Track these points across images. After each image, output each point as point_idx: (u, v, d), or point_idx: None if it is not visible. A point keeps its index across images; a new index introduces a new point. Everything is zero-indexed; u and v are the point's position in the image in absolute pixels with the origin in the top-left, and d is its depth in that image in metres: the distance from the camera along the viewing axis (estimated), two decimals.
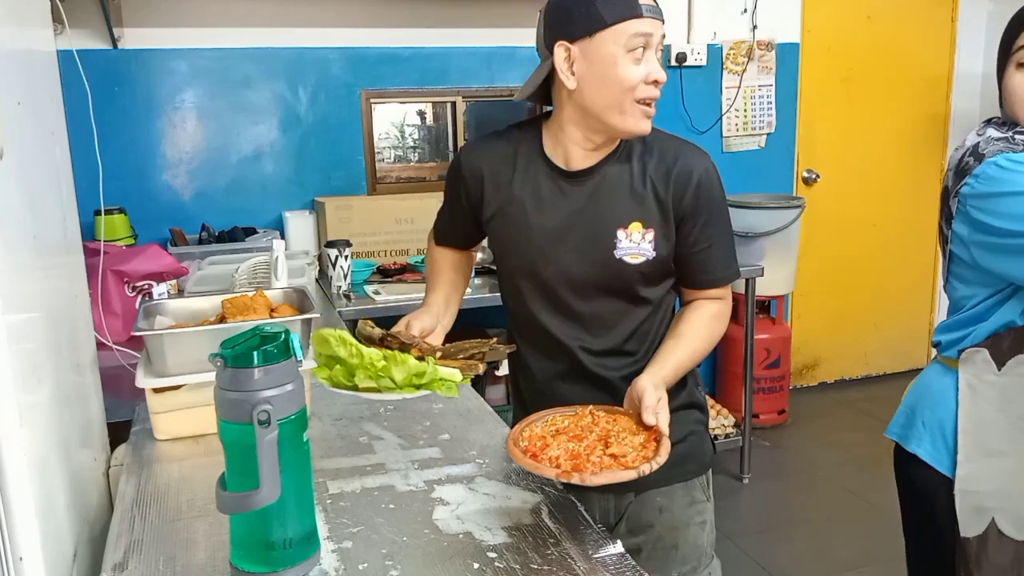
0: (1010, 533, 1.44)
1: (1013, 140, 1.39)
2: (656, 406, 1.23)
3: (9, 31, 1.13)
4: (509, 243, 1.49)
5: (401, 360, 1.21)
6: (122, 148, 3.11)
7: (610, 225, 1.40)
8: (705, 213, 1.40)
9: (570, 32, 1.32)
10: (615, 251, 1.39)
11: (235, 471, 1.05)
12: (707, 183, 1.40)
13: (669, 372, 1.35)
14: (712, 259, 1.44)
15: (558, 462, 1.14)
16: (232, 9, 3.19)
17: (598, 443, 1.18)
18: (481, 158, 1.49)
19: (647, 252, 1.40)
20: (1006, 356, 1.41)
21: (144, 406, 1.56)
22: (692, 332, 1.42)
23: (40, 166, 1.26)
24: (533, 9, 1.47)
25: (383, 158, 3.55)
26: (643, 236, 1.39)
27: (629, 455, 1.15)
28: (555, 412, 1.29)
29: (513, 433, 1.24)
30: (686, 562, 1.51)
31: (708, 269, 1.44)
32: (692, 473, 1.52)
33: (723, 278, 1.46)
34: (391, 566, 1.09)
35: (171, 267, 2.38)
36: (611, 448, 1.16)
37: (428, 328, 1.42)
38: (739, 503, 3.45)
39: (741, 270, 3.38)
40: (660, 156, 1.41)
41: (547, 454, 1.15)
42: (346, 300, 2.81)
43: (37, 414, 1.03)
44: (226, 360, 1.03)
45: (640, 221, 1.39)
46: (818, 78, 4.19)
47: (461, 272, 1.65)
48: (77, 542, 1.20)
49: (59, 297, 1.32)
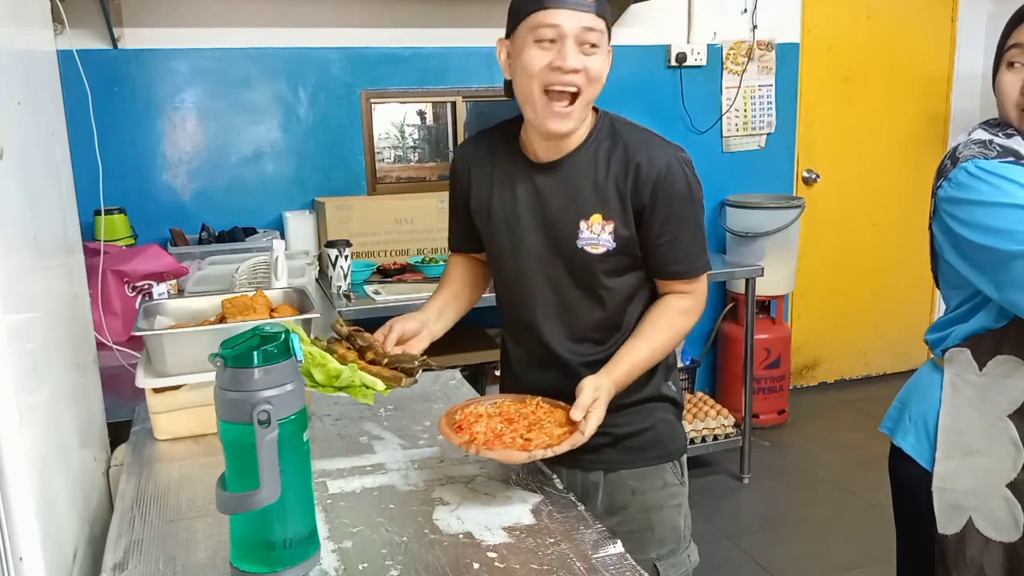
0: (987, 533, 1.44)
1: (989, 145, 1.39)
2: (589, 405, 1.29)
3: (9, 31, 1.13)
4: (488, 234, 1.54)
5: (321, 361, 1.26)
6: (122, 148, 3.11)
7: (574, 216, 1.43)
8: (666, 205, 1.41)
9: (507, 30, 1.40)
10: (577, 241, 1.43)
11: (235, 471, 1.05)
12: (668, 176, 1.40)
13: (621, 373, 1.39)
14: (676, 251, 1.45)
15: (475, 435, 1.25)
16: (232, 9, 3.19)
17: (523, 428, 1.28)
18: (467, 156, 1.57)
19: (607, 243, 1.42)
20: (986, 357, 1.42)
21: (144, 406, 1.57)
22: (653, 331, 1.45)
23: (40, 166, 1.26)
24: None
25: (383, 158, 3.55)
26: (603, 227, 1.42)
27: (537, 441, 1.23)
28: (507, 398, 1.40)
29: (456, 406, 1.35)
30: (664, 544, 1.55)
31: (671, 261, 1.46)
32: (659, 459, 1.56)
33: (688, 271, 1.47)
34: (391, 566, 1.09)
35: (171, 267, 2.38)
36: (530, 433, 1.26)
37: (411, 331, 1.47)
38: (739, 503, 3.45)
39: (741, 270, 3.42)
40: (624, 149, 1.42)
41: (473, 429, 1.27)
42: (346, 300, 2.81)
43: (37, 414, 1.03)
44: (226, 360, 1.03)
45: (600, 213, 1.42)
46: (818, 78, 4.19)
47: (469, 281, 1.67)
48: (77, 542, 1.20)
49: (59, 297, 1.32)
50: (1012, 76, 1.39)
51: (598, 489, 1.55)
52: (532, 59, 1.34)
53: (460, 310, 1.62)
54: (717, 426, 3.55)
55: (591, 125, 1.45)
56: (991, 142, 1.40)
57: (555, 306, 1.50)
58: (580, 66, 1.33)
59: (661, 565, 1.53)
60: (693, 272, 1.47)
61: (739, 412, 3.63)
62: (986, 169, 1.34)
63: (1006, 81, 1.40)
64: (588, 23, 1.32)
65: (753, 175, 4.02)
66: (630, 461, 1.54)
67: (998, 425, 1.42)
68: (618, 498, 1.55)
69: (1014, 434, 1.40)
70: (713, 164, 3.91)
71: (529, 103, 1.38)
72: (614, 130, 1.44)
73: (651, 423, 1.55)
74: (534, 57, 1.33)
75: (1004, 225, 1.29)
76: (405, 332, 1.46)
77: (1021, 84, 1.37)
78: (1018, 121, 1.40)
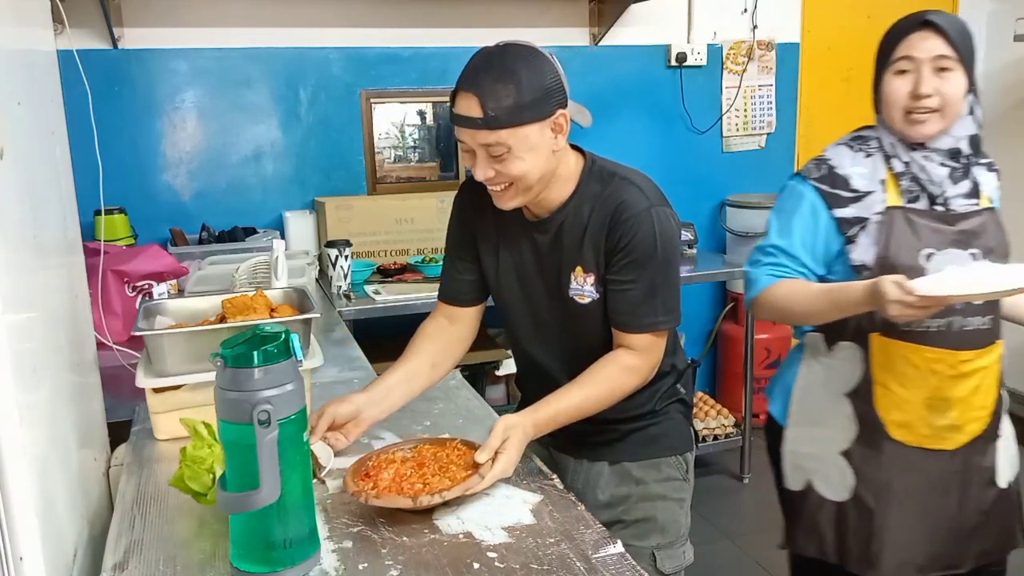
0: (823, 492, 1.66)
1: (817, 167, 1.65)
2: (497, 447, 1.28)
3: (9, 31, 1.13)
4: (495, 281, 1.57)
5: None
6: (122, 148, 3.11)
7: (566, 269, 1.48)
8: (626, 254, 1.41)
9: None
10: (569, 291, 1.48)
11: (235, 471, 1.05)
12: (635, 224, 1.39)
13: (544, 416, 1.39)
14: (624, 301, 1.43)
15: (379, 482, 1.24)
16: (232, 9, 3.19)
17: (432, 472, 1.27)
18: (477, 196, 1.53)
19: (591, 294, 1.46)
20: (833, 340, 1.63)
21: (144, 406, 1.57)
22: (592, 382, 1.43)
23: (40, 166, 1.26)
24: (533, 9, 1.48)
25: (383, 158, 3.55)
26: (585, 279, 1.46)
27: (438, 485, 1.22)
28: (428, 441, 1.39)
29: (373, 452, 1.36)
30: (665, 533, 1.57)
31: (618, 311, 1.44)
32: (664, 452, 1.59)
33: (629, 323, 1.43)
34: (391, 566, 1.09)
35: (171, 267, 2.38)
36: (433, 478, 1.25)
37: (344, 415, 1.43)
38: (739, 503, 3.45)
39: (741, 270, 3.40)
40: (603, 201, 1.44)
41: (381, 475, 1.26)
42: (346, 300, 2.81)
43: (37, 414, 1.03)
44: (226, 360, 1.03)
45: (581, 266, 1.46)
46: (818, 78, 4.19)
47: (435, 358, 1.57)
48: (77, 542, 1.20)
49: (59, 297, 1.32)
50: (901, 82, 1.54)
51: (601, 479, 1.58)
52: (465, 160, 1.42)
53: (412, 392, 1.54)
54: (717, 426, 3.56)
55: (577, 176, 1.46)
56: (817, 165, 1.68)
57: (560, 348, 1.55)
58: (487, 176, 1.38)
59: (659, 555, 1.56)
60: (635, 326, 1.43)
61: (739, 412, 3.63)
62: (790, 186, 1.73)
63: (894, 87, 1.55)
64: (485, 140, 1.34)
65: (753, 175, 4.01)
66: (635, 453, 1.58)
67: (838, 402, 1.63)
68: (622, 488, 1.57)
69: (849, 411, 1.61)
70: (713, 164, 3.90)
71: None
72: (601, 179, 1.46)
73: (659, 420, 1.59)
74: (467, 161, 1.41)
75: None
76: (337, 417, 1.42)
77: (908, 89, 1.52)
78: (901, 123, 1.55)
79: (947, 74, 1.51)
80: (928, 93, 1.51)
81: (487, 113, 1.31)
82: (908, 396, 1.56)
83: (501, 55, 1.34)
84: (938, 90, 1.51)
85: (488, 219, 1.54)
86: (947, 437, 1.57)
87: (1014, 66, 4.01)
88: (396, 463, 1.30)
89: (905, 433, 1.58)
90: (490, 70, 1.32)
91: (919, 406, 1.56)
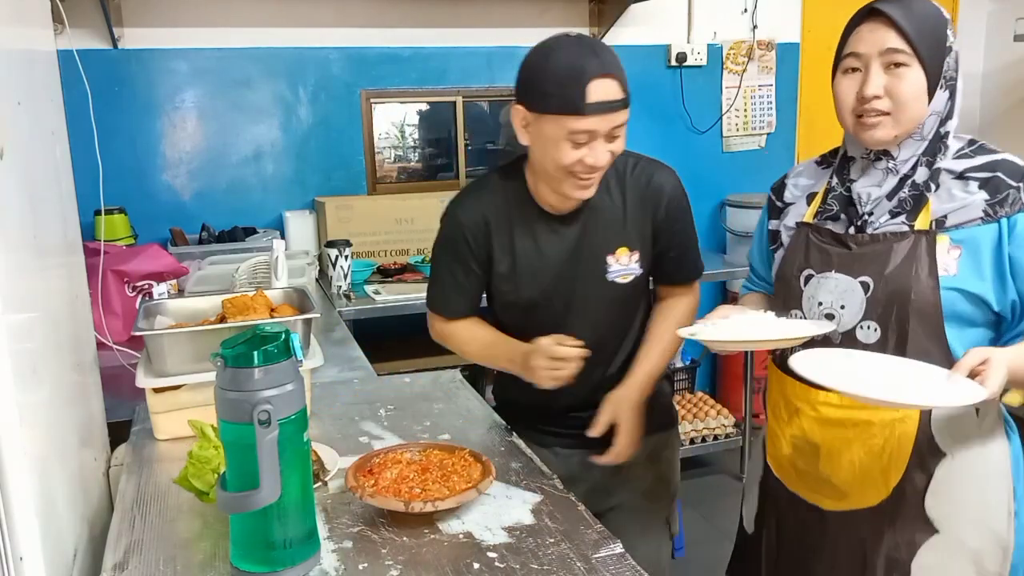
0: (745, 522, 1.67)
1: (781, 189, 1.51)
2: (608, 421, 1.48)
3: (9, 31, 1.13)
4: (518, 286, 1.56)
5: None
6: (122, 148, 3.11)
7: (600, 256, 1.53)
8: (678, 222, 1.57)
9: (525, 99, 1.41)
10: (607, 275, 1.54)
11: (235, 471, 1.05)
12: (676, 197, 1.56)
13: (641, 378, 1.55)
14: (684, 261, 1.63)
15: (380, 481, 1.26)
16: (232, 9, 3.19)
17: (434, 478, 1.28)
18: (479, 212, 1.55)
19: (635, 270, 1.56)
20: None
21: (144, 406, 1.57)
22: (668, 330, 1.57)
23: (40, 166, 1.26)
24: (533, 9, 1.48)
25: (383, 158, 3.55)
26: (630, 258, 1.55)
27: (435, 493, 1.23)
28: (439, 446, 1.39)
29: (380, 450, 1.37)
30: (673, 494, 1.77)
31: (682, 269, 1.63)
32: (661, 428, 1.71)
33: (693, 276, 1.66)
34: (391, 566, 1.09)
35: (171, 267, 2.38)
36: (433, 484, 1.26)
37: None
38: (739, 503, 3.44)
39: (741, 270, 3.42)
40: (635, 181, 1.53)
41: (383, 474, 1.28)
42: (346, 300, 2.82)
43: (37, 414, 1.03)
44: (226, 360, 1.03)
45: (626, 246, 1.54)
46: (818, 78, 4.18)
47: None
48: (77, 542, 1.20)
49: (59, 297, 1.32)
50: (849, 82, 1.34)
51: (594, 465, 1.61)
52: (565, 155, 1.38)
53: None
54: (717, 426, 3.55)
55: None
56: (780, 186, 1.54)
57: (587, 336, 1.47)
58: (607, 160, 1.39)
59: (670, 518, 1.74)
60: (697, 276, 1.66)
61: (739, 412, 3.63)
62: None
63: (842, 88, 1.36)
64: (619, 121, 1.37)
65: (753, 175, 4.01)
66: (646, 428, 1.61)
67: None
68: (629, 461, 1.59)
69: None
70: (713, 164, 3.90)
71: (552, 179, 1.44)
72: (615, 163, 1.48)
73: (656, 396, 1.64)
74: (568, 154, 1.37)
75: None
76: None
77: (856, 90, 1.32)
78: (853, 127, 1.36)
79: (900, 70, 1.28)
80: (875, 94, 1.29)
81: (627, 92, 1.38)
82: (777, 429, 1.46)
83: (592, 40, 1.41)
84: (888, 90, 1.29)
85: (501, 231, 1.54)
86: (822, 492, 1.40)
87: (1014, 66, 4.01)
88: (401, 464, 1.31)
89: (778, 469, 1.48)
90: (604, 52, 1.36)
91: (785, 443, 1.44)
